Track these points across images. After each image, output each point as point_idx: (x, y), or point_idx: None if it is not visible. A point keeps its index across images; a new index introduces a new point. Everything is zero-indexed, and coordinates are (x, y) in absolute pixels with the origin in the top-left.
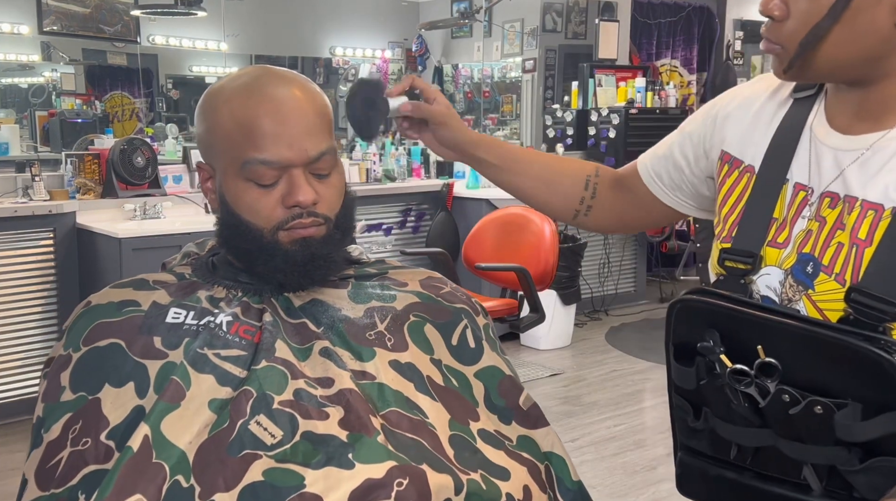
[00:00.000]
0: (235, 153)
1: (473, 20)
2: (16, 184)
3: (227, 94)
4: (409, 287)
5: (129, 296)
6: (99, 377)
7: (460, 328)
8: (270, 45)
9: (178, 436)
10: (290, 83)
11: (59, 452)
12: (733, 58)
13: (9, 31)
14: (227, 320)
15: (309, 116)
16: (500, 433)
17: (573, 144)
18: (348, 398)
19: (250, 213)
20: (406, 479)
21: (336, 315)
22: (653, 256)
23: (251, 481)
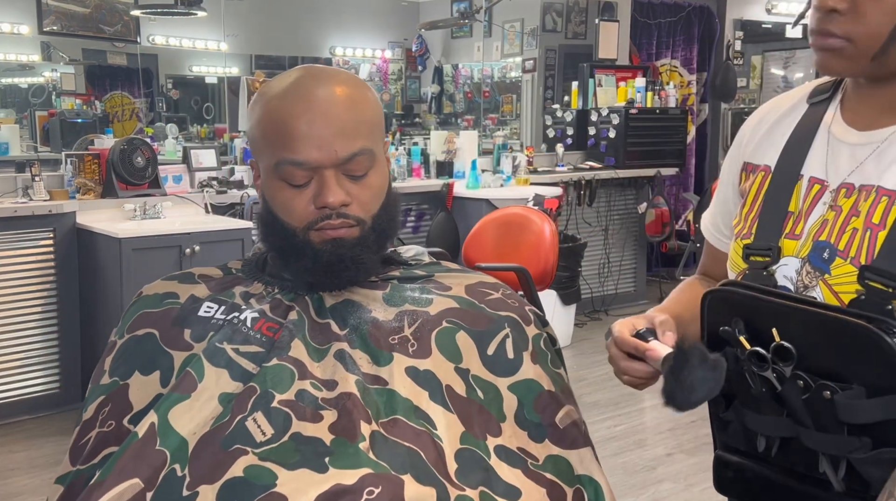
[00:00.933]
0: (271, 153)
1: (473, 20)
2: (16, 184)
3: (269, 95)
4: (451, 292)
5: (172, 288)
6: (132, 364)
7: (499, 338)
8: (270, 45)
9: (184, 426)
10: (329, 83)
11: (90, 431)
12: (733, 58)
13: (9, 31)
14: (253, 316)
15: (342, 117)
16: (524, 451)
17: (573, 144)
18: (345, 403)
19: (284, 212)
20: (379, 488)
21: (364, 317)
22: (653, 256)
23: (233, 476)
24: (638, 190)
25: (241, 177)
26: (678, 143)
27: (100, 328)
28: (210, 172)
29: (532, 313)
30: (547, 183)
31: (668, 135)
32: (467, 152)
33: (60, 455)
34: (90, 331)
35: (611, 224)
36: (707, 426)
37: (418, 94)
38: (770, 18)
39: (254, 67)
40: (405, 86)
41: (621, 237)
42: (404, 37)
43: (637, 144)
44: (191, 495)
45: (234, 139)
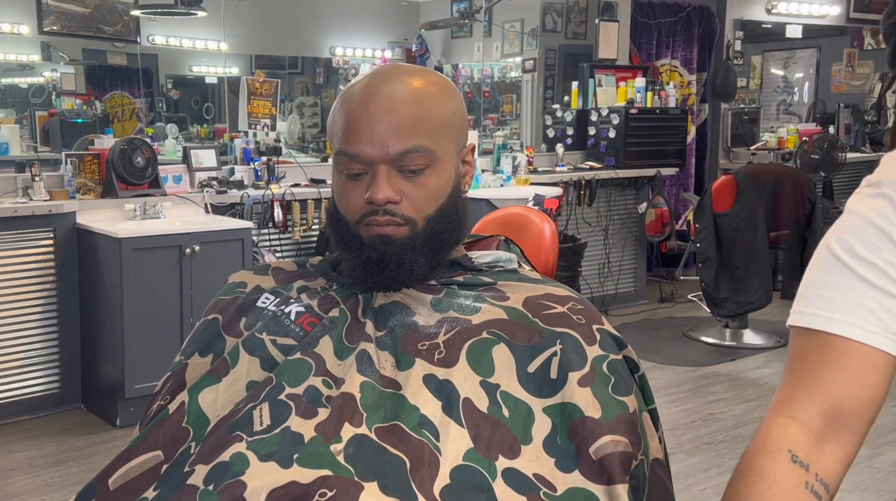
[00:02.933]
0: (334, 145)
1: (473, 20)
2: (16, 184)
3: (347, 90)
4: (508, 302)
5: (246, 278)
6: (195, 345)
7: (545, 355)
8: (270, 45)
9: (210, 407)
10: (397, 80)
11: (154, 403)
12: (733, 58)
13: (9, 31)
14: (298, 309)
15: (400, 114)
16: (542, 479)
17: (573, 145)
18: (340, 402)
19: (341, 203)
20: (332, 491)
21: (404, 320)
22: (653, 256)
23: (221, 460)
24: (638, 190)
25: (241, 177)
26: (678, 143)
27: (100, 328)
28: (210, 172)
29: (601, 332)
30: (547, 183)
31: (668, 135)
32: None
33: (60, 454)
34: (90, 331)
35: (611, 224)
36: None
37: None
38: (770, 18)
39: (254, 67)
40: None
41: (621, 237)
42: (404, 37)
43: (637, 144)
44: (188, 472)
45: (233, 139)
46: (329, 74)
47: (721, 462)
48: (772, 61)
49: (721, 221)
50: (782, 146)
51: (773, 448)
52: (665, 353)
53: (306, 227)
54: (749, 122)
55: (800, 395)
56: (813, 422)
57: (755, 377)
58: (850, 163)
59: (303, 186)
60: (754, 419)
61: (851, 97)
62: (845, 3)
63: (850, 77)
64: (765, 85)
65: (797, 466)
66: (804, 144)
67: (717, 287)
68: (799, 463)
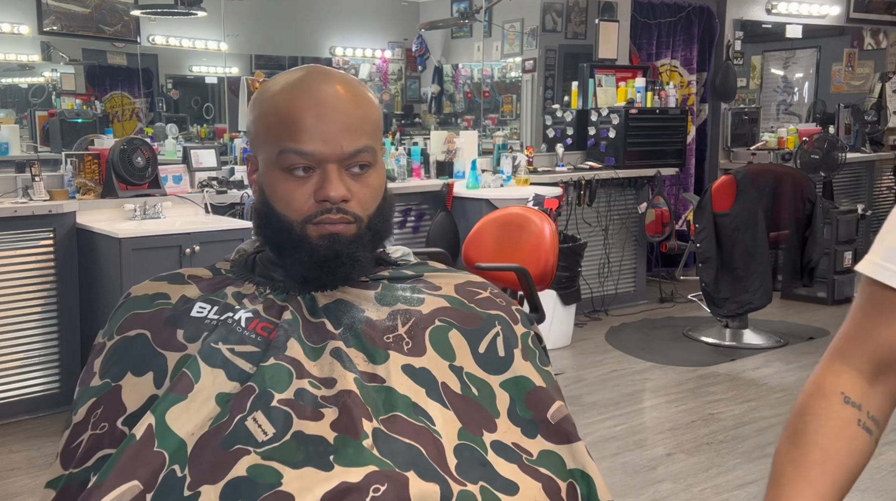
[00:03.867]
0: (274, 143)
1: (473, 20)
2: (16, 184)
3: (274, 88)
4: (441, 291)
5: (162, 289)
6: (123, 365)
7: (490, 336)
8: (270, 45)
9: (182, 427)
10: (336, 81)
11: (82, 434)
12: (733, 58)
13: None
14: (247, 316)
15: (349, 114)
16: (519, 447)
17: (573, 145)
18: (345, 400)
19: (283, 204)
20: (385, 485)
21: (357, 316)
22: (653, 256)
23: (236, 476)
24: (638, 190)
25: (240, 177)
26: (678, 143)
27: (100, 328)
28: (210, 172)
29: (519, 312)
30: (547, 183)
31: (668, 135)
32: (467, 152)
33: None
34: (90, 331)
35: (611, 224)
36: (707, 426)
37: (418, 94)
38: (770, 18)
39: (254, 67)
40: (405, 86)
41: (621, 237)
42: (404, 37)
43: (637, 144)
44: (192, 495)
45: (234, 139)
46: None
47: (721, 462)
48: (772, 61)
49: (721, 221)
50: (782, 146)
51: (826, 391)
52: (665, 353)
53: None
54: (749, 122)
55: (854, 344)
56: (865, 369)
57: (755, 377)
58: (850, 163)
59: None
60: (754, 419)
61: (851, 97)
62: (845, 3)
63: (850, 77)
64: (765, 85)
65: (850, 406)
66: (804, 144)
67: (717, 287)
68: (851, 404)
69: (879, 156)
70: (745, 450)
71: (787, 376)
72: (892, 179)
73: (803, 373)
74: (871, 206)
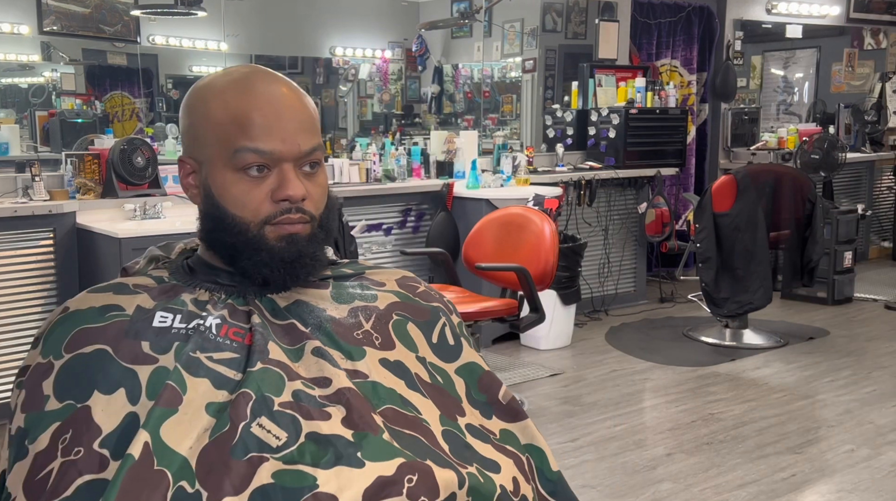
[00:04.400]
0: (227, 143)
1: (473, 20)
2: (16, 184)
3: (219, 87)
4: (387, 287)
5: (110, 301)
6: (86, 384)
7: (440, 326)
8: (270, 45)
9: (179, 442)
10: (281, 82)
11: (49, 463)
12: (733, 58)
13: (9, 31)
14: (216, 322)
15: (302, 113)
16: (485, 428)
17: (573, 145)
18: (348, 397)
19: (237, 205)
20: (415, 475)
21: (322, 316)
22: (653, 256)
23: (261, 484)
24: (638, 190)
25: None
26: (678, 143)
27: None
28: None
29: (448, 303)
30: (547, 183)
31: (668, 135)
32: (467, 152)
33: None
34: None
35: (611, 224)
36: (707, 426)
37: (418, 94)
38: (770, 18)
39: None
40: (405, 86)
41: (621, 237)
42: (404, 37)
43: (637, 144)
44: None
45: None
46: (329, 74)
47: (721, 462)
48: (772, 61)
49: (721, 221)
50: (782, 146)
51: None
52: (665, 353)
53: None
54: (749, 122)
55: None
56: None
57: (755, 377)
58: (850, 163)
59: None
60: (754, 419)
61: (851, 97)
62: (845, 3)
63: (850, 77)
64: (765, 85)
65: None
66: (804, 144)
67: (717, 287)
68: None
69: (879, 156)
70: (745, 450)
71: (787, 376)
72: (892, 179)
73: (803, 373)
74: (871, 206)
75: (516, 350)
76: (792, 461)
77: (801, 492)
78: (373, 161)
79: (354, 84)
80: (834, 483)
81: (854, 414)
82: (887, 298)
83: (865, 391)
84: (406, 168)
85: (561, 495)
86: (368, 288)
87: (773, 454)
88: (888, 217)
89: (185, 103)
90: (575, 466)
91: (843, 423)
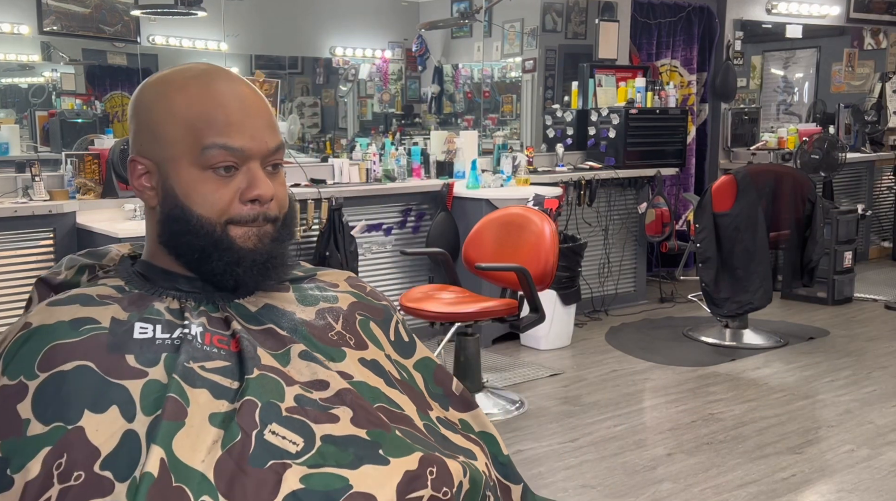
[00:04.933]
0: (194, 140)
1: (473, 20)
2: (16, 184)
3: (179, 83)
4: (341, 288)
5: (80, 313)
6: (74, 403)
7: (394, 324)
8: (270, 45)
9: (191, 456)
10: (241, 81)
11: (45, 491)
12: (733, 58)
13: (9, 31)
14: (200, 331)
15: (266, 112)
16: (449, 420)
17: (573, 145)
18: (351, 398)
19: (203, 205)
20: (434, 467)
21: (294, 319)
22: (653, 256)
23: (291, 489)
24: (638, 190)
25: None
26: (678, 143)
27: None
28: None
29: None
30: (547, 183)
31: (668, 135)
32: (467, 152)
33: None
34: None
35: (611, 224)
36: (707, 426)
37: (418, 94)
38: (770, 18)
39: (254, 67)
40: (405, 86)
41: (621, 237)
42: (404, 37)
43: (637, 144)
44: None
45: None
46: (329, 74)
47: (721, 462)
48: (772, 61)
49: (721, 221)
50: (782, 146)
51: None
52: (665, 353)
53: (306, 227)
54: (749, 122)
55: None
56: None
57: (755, 377)
58: (850, 163)
59: (303, 186)
60: (754, 419)
61: (851, 97)
62: (845, 3)
63: (850, 77)
64: (765, 85)
65: None
66: (804, 144)
67: (717, 287)
68: None
69: (879, 156)
70: (745, 450)
71: (787, 376)
72: (892, 179)
73: (803, 373)
74: (871, 206)
75: (516, 350)
76: (792, 461)
77: (801, 492)
78: (373, 161)
79: (354, 84)
80: (834, 483)
81: (854, 414)
82: (887, 298)
83: (865, 391)
84: (406, 168)
85: (512, 477)
86: (325, 289)
87: (773, 454)
88: (888, 217)
89: (138, 101)
90: (575, 466)
91: (843, 423)
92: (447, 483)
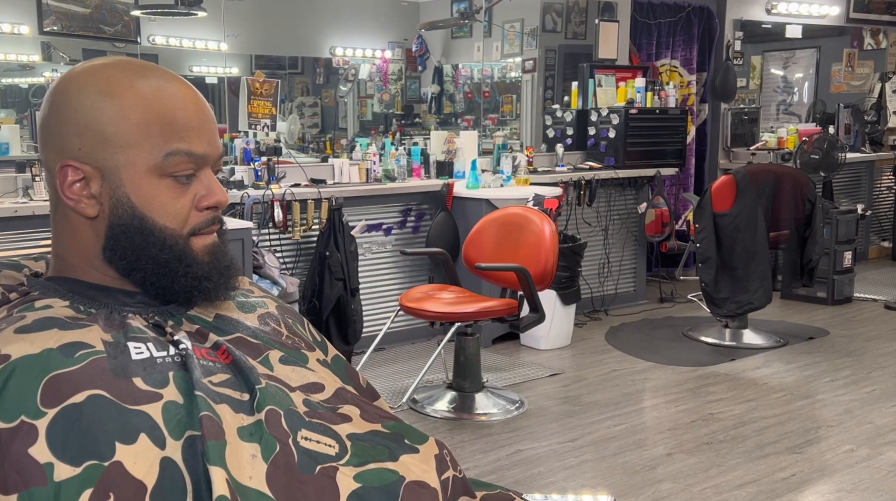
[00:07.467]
0: (153, 145)
1: (473, 20)
2: (16, 184)
3: (125, 82)
4: (256, 293)
5: (66, 338)
6: (103, 437)
7: (306, 324)
8: (270, 45)
9: (240, 474)
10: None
11: None
12: (733, 58)
13: (9, 31)
14: (190, 345)
15: (211, 114)
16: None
17: (573, 145)
18: (350, 396)
19: (165, 215)
20: (446, 449)
21: (248, 327)
22: (653, 256)
23: (351, 489)
24: (638, 190)
25: (241, 177)
26: (678, 143)
27: None
28: None
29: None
30: (547, 183)
31: (668, 135)
32: (467, 152)
33: None
34: None
35: (611, 224)
36: (707, 426)
37: (418, 94)
38: (770, 18)
39: (254, 67)
40: (405, 86)
41: (621, 237)
42: (404, 37)
43: (637, 144)
44: None
45: (234, 139)
46: (329, 74)
47: (721, 462)
48: (772, 61)
49: (721, 221)
50: (782, 146)
51: None
52: (665, 353)
53: (306, 227)
54: (749, 122)
55: None
56: None
57: (755, 377)
58: (850, 163)
59: (303, 186)
60: (754, 419)
61: (851, 97)
62: (845, 3)
63: (850, 77)
64: (765, 85)
65: None
66: (804, 144)
67: (716, 287)
68: None
69: (879, 156)
70: (745, 450)
71: (787, 376)
72: (892, 179)
73: (803, 373)
74: (871, 206)
75: (516, 350)
76: (792, 461)
77: (800, 492)
78: (373, 161)
79: (354, 84)
80: (834, 483)
81: (854, 414)
82: (887, 298)
83: (865, 391)
84: (406, 168)
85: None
86: (248, 295)
87: (772, 454)
88: (888, 217)
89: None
90: (575, 466)
91: (843, 423)
92: (458, 462)
